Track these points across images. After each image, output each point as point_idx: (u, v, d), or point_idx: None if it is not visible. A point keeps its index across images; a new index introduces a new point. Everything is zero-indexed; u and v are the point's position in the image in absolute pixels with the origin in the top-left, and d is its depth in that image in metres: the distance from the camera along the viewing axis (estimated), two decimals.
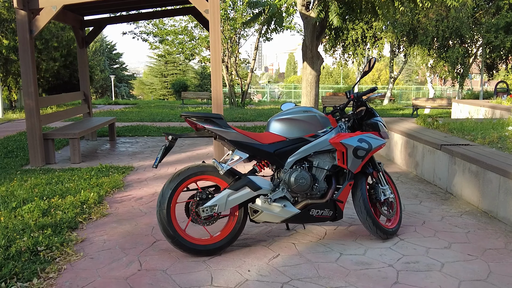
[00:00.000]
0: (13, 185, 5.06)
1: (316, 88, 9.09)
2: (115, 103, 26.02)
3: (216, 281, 2.93)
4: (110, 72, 51.66)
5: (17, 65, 15.16)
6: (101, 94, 50.10)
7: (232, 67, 20.60)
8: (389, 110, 19.68)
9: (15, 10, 6.23)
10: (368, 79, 54.09)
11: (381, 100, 26.72)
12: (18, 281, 2.82)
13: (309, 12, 8.51)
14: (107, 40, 56.16)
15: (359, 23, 19.15)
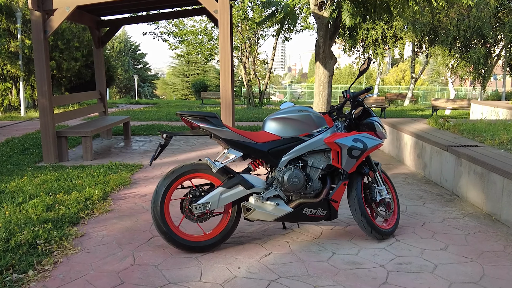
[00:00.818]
0: (23, 180, 5.22)
1: (328, 88, 9.05)
2: (136, 102, 26.37)
3: (205, 277, 2.97)
4: (134, 72, 52.41)
5: None
6: (124, 94, 50.92)
7: (250, 67, 20.66)
8: (409, 111, 19.41)
9: (30, 11, 6.42)
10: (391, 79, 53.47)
11: (402, 101, 26.37)
12: (14, 273, 2.92)
13: (322, 12, 8.48)
14: (132, 41, 57.06)
15: (379, 23, 18.97)
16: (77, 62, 17.57)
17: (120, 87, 51.77)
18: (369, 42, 20.05)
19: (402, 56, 22.20)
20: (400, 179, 5.78)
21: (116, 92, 51.18)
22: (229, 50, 6.55)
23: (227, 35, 6.51)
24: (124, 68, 51.28)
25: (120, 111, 17.21)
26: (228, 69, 6.61)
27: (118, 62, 50.85)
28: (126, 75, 50.98)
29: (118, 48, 52.35)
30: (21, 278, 2.88)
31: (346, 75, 61.36)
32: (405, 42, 20.46)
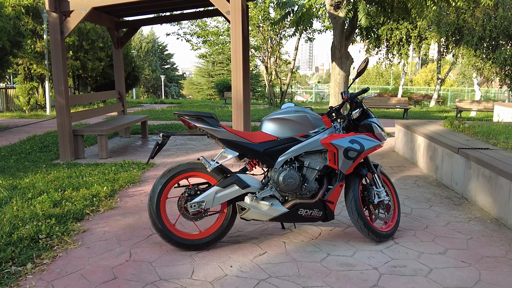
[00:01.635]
0: (36, 177, 5.38)
1: (344, 88, 8.97)
2: (160, 102, 26.75)
3: (196, 274, 3.01)
4: (161, 72, 53.13)
5: None
6: (152, 94, 51.68)
7: (271, 67, 20.67)
8: (433, 112, 19.05)
9: (47, 12, 6.61)
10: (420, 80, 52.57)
11: (429, 102, 25.89)
12: (13, 265, 3.03)
13: (338, 12, 8.42)
14: (159, 41, 57.90)
15: (404, 23, 18.66)
16: (101, 62, 17.96)
17: (147, 87, 52.60)
18: (393, 42, 19.76)
19: (427, 56, 21.76)
20: (411, 181, 5.70)
21: (143, 92, 51.97)
22: (241, 51, 6.59)
23: (239, 35, 6.55)
24: (151, 68, 52.08)
25: (141, 111, 17.52)
26: (240, 69, 6.65)
27: (146, 63, 51.70)
28: (153, 75, 51.76)
29: (146, 49, 53.18)
30: (19, 271, 2.98)
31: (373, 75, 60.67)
32: (430, 43, 20.07)
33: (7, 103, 17.21)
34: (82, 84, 21.70)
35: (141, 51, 52.31)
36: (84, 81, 21.15)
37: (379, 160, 7.09)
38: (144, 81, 51.53)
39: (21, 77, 15.84)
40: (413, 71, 57.08)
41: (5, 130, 10.90)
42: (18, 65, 15.35)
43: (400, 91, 25.51)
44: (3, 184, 4.95)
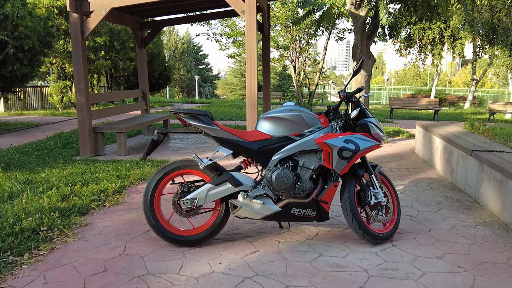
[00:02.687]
0: (52, 172, 5.57)
1: (366, 88, 8.84)
2: (191, 101, 27.10)
3: (184, 270, 3.05)
4: (195, 72, 53.81)
5: (95, 64, 16.44)
6: (187, 94, 52.44)
7: (300, 67, 20.56)
8: (466, 114, 18.45)
9: (68, 13, 6.83)
10: (459, 81, 51.12)
11: (464, 104, 25.12)
12: (11, 255, 3.16)
13: (358, 11, 8.31)
14: (194, 42, 58.69)
15: (436, 22, 18.19)
16: (132, 62, 18.36)
17: (182, 87, 53.38)
18: (426, 42, 19.29)
19: (462, 57, 21.11)
20: (424, 184, 5.56)
21: (178, 92, 52.77)
22: (255, 50, 6.60)
23: (254, 35, 6.57)
24: (186, 68, 52.84)
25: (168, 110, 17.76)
26: (254, 69, 6.66)
27: (181, 63, 52.50)
28: (188, 75, 52.50)
29: (181, 49, 54.03)
30: (16, 261, 3.10)
31: (411, 76, 59.49)
32: (464, 42, 19.46)
33: (42, 101, 17.87)
34: (115, 83, 22.26)
35: (176, 51, 53.16)
36: (116, 80, 21.70)
37: (396, 162, 6.95)
38: (179, 81, 52.36)
39: (54, 76, 16.41)
40: (452, 72, 55.49)
41: (35, 127, 11.33)
42: (52, 64, 15.91)
43: (433, 92, 24.86)
44: (19, 178, 5.16)
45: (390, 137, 9.66)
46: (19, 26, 9.40)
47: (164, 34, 54.93)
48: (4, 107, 15.97)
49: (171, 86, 50.62)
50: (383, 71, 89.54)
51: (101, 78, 20.36)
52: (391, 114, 15.47)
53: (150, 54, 19.87)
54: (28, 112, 15.77)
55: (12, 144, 8.10)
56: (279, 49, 21.51)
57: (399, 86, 54.42)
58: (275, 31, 19.87)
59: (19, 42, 9.49)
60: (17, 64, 9.61)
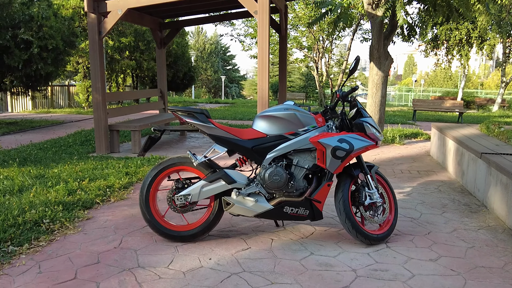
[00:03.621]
0: (65, 168, 5.75)
1: (382, 89, 8.75)
2: (215, 102, 27.35)
3: (173, 264, 3.11)
4: (222, 73, 54.21)
5: (120, 64, 16.78)
6: (213, 94, 52.91)
7: (322, 68, 20.46)
8: (493, 117, 17.93)
9: (86, 13, 7.02)
10: (492, 83, 49.85)
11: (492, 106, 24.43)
12: (11, 245, 3.29)
13: (375, 11, 8.23)
14: (222, 43, 59.14)
15: (464, 23, 17.77)
16: (156, 62, 18.65)
17: (209, 87, 53.86)
18: (452, 43, 18.87)
19: (490, 58, 20.53)
20: (433, 187, 5.47)
21: (205, 92, 53.30)
22: (267, 51, 6.63)
23: (266, 35, 6.59)
24: (213, 69, 53.31)
25: None
26: (266, 69, 6.69)
27: (208, 64, 52.99)
28: (215, 75, 52.95)
29: (209, 50, 54.54)
30: (15, 250, 3.23)
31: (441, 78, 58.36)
32: (492, 43, 18.93)
33: (69, 100, 18.38)
34: (140, 82, 22.67)
35: (204, 52, 53.69)
36: (142, 80, 22.09)
37: (409, 164, 6.85)
38: (206, 81, 52.87)
39: (80, 75, 16.84)
40: (485, 74, 54.05)
41: (59, 125, 11.67)
42: (78, 64, 16.34)
43: (459, 94, 24.27)
44: (32, 173, 5.34)
45: (407, 139, 9.52)
46: (43, 26, 9.72)
47: (192, 35, 55.61)
48: (32, 105, 16.50)
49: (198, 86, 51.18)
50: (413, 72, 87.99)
51: (127, 78, 20.78)
52: (414, 116, 15.21)
53: (174, 55, 20.14)
54: (54, 110, 16.25)
55: (32, 141, 8.38)
56: (303, 50, 21.48)
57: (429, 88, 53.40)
58: (298, 31, 19.86)
59: (44, 42, 9.80)
60: (41, 63, 9.93)
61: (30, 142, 8.13)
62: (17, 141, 8.35)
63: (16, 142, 8.28)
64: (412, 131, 10.16)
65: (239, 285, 2.83)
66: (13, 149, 7.33)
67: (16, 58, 9.41)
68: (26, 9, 9.51)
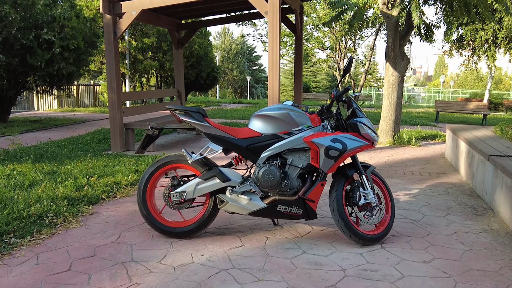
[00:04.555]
0: (78, 164, 5.92)
1: (398, 90, 8.64)
2: (238, 102, 27.48)
3: (165, 259, 3.18)
4: (248, 73, 54.42)
5: (144, 64, 17.08)
6: (239, 94, 53.15)
7: None
8: None
9: (102, 14, 7.20)
10: None
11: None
12: (13, 237, 3.43)
13: (391, 10, 8.14)
14: (248, 43, 59.37)
15: (490, 23, 17.32)
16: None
17: (235, 88, 54.15)
18: (478, 43, 18.42)
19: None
20: (442, 189, 5.39)
21: (231, 92, 53.62)
22: (278, 50, 6.65)
23: (276, 36, 6.62)
24: (239, 69, 53.57)
25: (214, 110, 18.14)
26: (276, 69, 6.71)
27: (234, 64, 53.27)
28: (241, 76, 53.20)
29: (235, 51, 54.84)
30: (17, 242, 3.37)
31: (472, 79, 57.07)
32: None
33: (94, 99, 18.82)
34: (164, 82, 23.00)
35: (230, 52, 54.00)
36: (165, 80, 22.41)
37: (421, 165, 6.76)
38: (232, 81, 53.17)
39: (105, 75, 17.20)
40: None
41: (81, 123, 11.98)
42: (103, 63, 16.71)
43: (486, 95, 23.67)
44: (45, 169, 5.52)
45: (424, 141, 9.37)
46: (65, 27, 10.00)
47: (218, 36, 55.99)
48: (57, 104, 16.98)
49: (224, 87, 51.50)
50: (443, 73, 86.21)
51: (151, 78, 21.13)
52: (436, 117, 14.95)
53: (197, 55, 20.35)
54: (79, 109, 16.68)
55: (51, 138, 8.65)
56: (325, 50, 21.37)
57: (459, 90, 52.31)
58: (320, 31, 19.77)
59: (65, 42, 10.09)
60: (63, 63, 10.22)
61: (49, 140, 8.38)
62: (37, 138, 8.63)
63: (36, 139, 8.55)
64: (430, 133, 9.99)
65: (226, 281, 2.87)
66: (32, 146, 7.58)
67: (39, 58, 9.72)
68: (49, 10, 9.81)
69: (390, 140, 8.71)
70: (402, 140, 8.74)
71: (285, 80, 54.03)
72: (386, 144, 8.73)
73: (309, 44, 20.40)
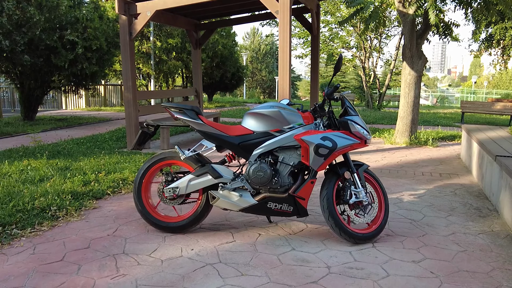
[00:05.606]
0: (91, 161, 6.11)
1: (415, 89, 8.51)
2: (264, 102, 27.58)
3: (155, 253, 3.27)
4: (277, 74, 54.38)
5: (168, 64, 17.37)
6: (268, 94, 53.21)
7: (370, 68, 20.06)
8: None
9: (118, 15, 7.39)
10: None
11: None
12: (15, 228, 3.60)
13: (407, 9, 8.03)
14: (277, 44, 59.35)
15: None
16: (202, 63, 19.14)
17: (263, 88, 54.26)
18: (508, 42, 17.86)
19: None
20: (450, 190, 5.29)
21: (259, 92, 53.73)
22: (288, 50, 6.68)
23: (287, 35, 6.64)
24: (268, 69, 53.65)
25: (237, 109, 18.27)
26: (287, 68, 6.73)
27: (263, 64, 53.40)
28: (270, 76, 53.26)
29: (264, 51, 54.97)
30: (18, 233, 3.53)
31: (507, 79, 55.40)
32: None
33: (121, 99, 19.25)
34: (189, 82, 23.33)
35: (259, 53, 54.17)
36: (191, 80, 22.74)
37: (434, 166, 6.64)
38: (261, 82, 53.31)
39: None
40: None
41: (105, 122, 12.31)
42: None
43: None
44: (59, 165, 5.73)
45: (443, 142, 9.18)
46: (88, 27, 10.30)
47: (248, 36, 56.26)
48: (85, 103, 17.47)
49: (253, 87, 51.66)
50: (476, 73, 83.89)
51: (177, 78, 21.50)
52: (462, 118, 14.60)
53: (221, 55, 20.55)
54: (105, 108, 17.11)
55: (70, 136, 8.93)
56: (350, 50, 21.18)
57: (493, 90, 50.84)
58: (345, 30, 19.62)
59: (88, 43, 10.40)
60: (85, 63, 10.53)
61: (68, 137, 8.66)
62: (58, 136, 8.93)
63: (56, 137, 8.86)
64: (450, 134, 9.79)
65: (210, 275, 2.93)
66: (52, 143, 7.86)
67: (63, 58, 10.05)
68: (72, 12, 10.13)
69: (406, 141, 8.59)
70: (419, 141, 8.60)
71: None
72: (402, 144, 8.61)
73: (334, 43, 20.26)
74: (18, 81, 11.01)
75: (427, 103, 42.16)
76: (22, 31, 9.41)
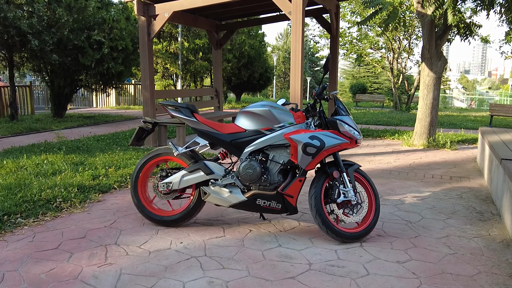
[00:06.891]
0: (105, 156, 6.34)
1: (434, 91, 8.36)
2: None
3: (145, 244, 3.41)
4: (309, 74, 54.22)
5: (195, 64, 17.64)
6: None
7: (399, 69, 19.73)
8: None
9: (138, 16, 7.63)
10: None
11: None
12: (20, 217, 3.81)
13: (425, 9, 7.91)
14: (310, 45, 59.19)
15: None
16: (229, 63, 19.34)
17: None
18: None
19: None
20: (456, 193, 5.21)
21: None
22: (300, 51, 6.72)
23: (299, 36, 6.69)
24: None
25: None
26: (299, 69, 6.78)
27: None
28: None
29: None
30: (21, 222, 3.75)
31: None
32: None
33: None
34: None
35: None
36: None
37: (446, 169, 6.53)
38: None
39: (159, 75, 18.00)
40: None
41: (130, 120, 12.66)
42: (157, 64, 17.49)
43: None
44: (75, 160, 5.99)
45: (463, 145, 8.98)
46: (114, 28, 10.64)
47: (281, 37, 56.33)
48: (115, 101, 17.98)
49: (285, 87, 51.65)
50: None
51: (206, 78, 21.79)
52: (490, 121, 14.17)
53: (247, 56, 20.69)
54: (133, 107, 17.56)
55: (91, 133, 9.25)
56: (380, 50, 20.91)
57: None
58: (373, 31, 19.37)
59: (114, 43, 10.74)
60: (111, 63, 10.88)
61: (90, 134, 8.99)
62: (81, 133, 9.28)
63: (80, 133, 9.20)
64: (472, 136, 9.56)
65: (192, 267, 3.04)
66: (74, 139, 8.19)
67: (89, 58, 10.43)
68: (100, 12, 10.50)
69: (424, 143, 8.46)
70: (438, 143, 8.45)
71: (345, 81, 53.21)
72: (419, 146, 8.49)
73: (361, 44, 20.05)
74: (49, 79, 11.49)
75: (462, 105, 41.03)
76: (51, 31, 9.83)
